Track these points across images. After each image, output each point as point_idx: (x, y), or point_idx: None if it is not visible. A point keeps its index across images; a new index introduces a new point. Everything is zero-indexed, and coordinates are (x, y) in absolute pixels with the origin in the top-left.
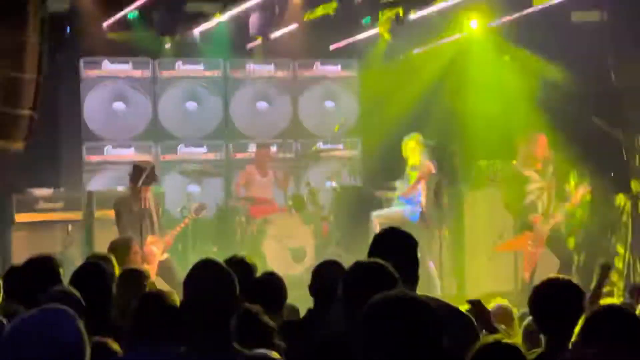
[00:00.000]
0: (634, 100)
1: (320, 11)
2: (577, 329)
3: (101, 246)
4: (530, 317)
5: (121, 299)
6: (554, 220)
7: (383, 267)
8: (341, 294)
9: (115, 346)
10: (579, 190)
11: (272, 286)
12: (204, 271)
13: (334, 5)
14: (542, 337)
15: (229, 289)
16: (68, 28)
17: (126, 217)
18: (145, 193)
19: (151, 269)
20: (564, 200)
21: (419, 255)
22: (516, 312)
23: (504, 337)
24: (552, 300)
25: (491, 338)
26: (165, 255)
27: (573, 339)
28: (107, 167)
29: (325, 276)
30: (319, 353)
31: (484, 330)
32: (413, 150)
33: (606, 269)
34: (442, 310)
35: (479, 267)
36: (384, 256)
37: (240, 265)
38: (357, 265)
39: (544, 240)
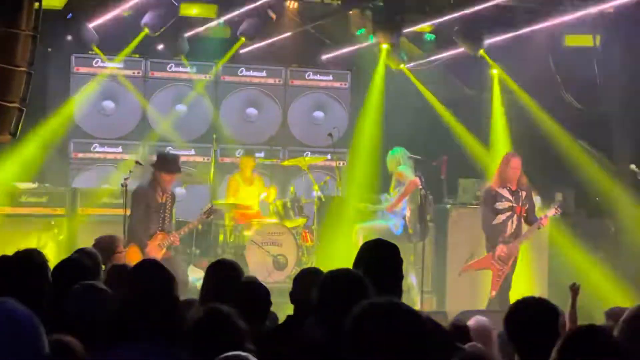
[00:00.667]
0: (620, 126)
1: None
2: (555, 349)
3: (83, 243)
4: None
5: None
6: (521, 241)
7: (357, 276)
8: (315, 302)
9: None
10: (548, 212)
11: (258, 294)
12: (143, 271)
13: None
14: (516, 357)
15: (166, 288)
16: (62, 23)
17: (143, 209)
18: (168, 185)
19: None
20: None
21: (404, 267)
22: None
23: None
24: (527, 320)
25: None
26: (170, 254)
27: (551, 358)
28: (94, 164)
29: (305, 284)
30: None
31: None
32: (398, 164)
33: (576, 289)
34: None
35: (460, 284)
36: (369, 267)
37: (229, 268)
38: (332, 274)
39: (511, 260)
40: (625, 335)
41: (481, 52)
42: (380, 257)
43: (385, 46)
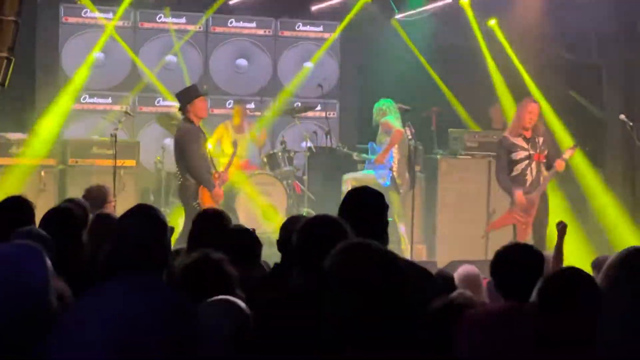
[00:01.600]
0: (612, 77)
1: None
2: (536, 290)
3: (73, 194)
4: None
5: (91, 245)
6: (541, 189)
7: (334, 220)
8: (295, 247)
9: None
10: (564, 154)
11: (248, 239)
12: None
13: None
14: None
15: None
16: None
17: (197, 149)
18: (204, 112)
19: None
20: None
21: (390, 218)
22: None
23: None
24: (513, 265)
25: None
26: None
27: (531, 299)
28: (84, 115)
29: (291, 231)
30: (276, 306)
31: None
32: (384, 115)
33: (564, 228)
34: (411, 270)
35: (449, 234)
36: (353, 214)
37: (217, 217)
38: (309, 220)
39: (534, 209)
40: (605, 283)
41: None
42: (364, 204)
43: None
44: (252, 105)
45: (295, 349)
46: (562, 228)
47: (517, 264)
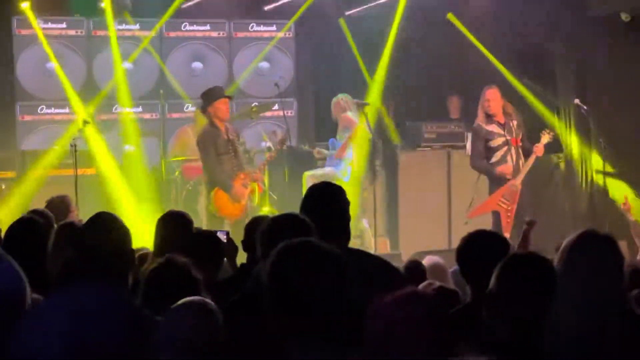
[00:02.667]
0: (564, 64)
1: None
2: (493, 275)
3: (35, 205)
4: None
5: (55, 255)
6: (522, 173)
7: (298, 219)
8: (258, 247)
9: None
10: (542, 139)
11: (211, 242)
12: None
13: None
14: (468, 289)
15: (122, 240)
16: None
17: (213, 152)
18: (226, 114)
19: (241, 208)
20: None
21: (355, 212)
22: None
23: None
24: (477, 251)
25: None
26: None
27: (489, 287)
28: (42, 126)
29: (255, 231)
30: (238, 306)
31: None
32: (342, 110)
33: (531, 224)
34: (373, 263)
35: (412, 226)
36: (315, 211)
37: (180, 220)
38: (273, 219)
39: (517, 195)
40: (562, 265)
41: None
42: (325, 200)
43: None
44: None
45: (255, 353)
46: (531, 223)
47: (482, 250)
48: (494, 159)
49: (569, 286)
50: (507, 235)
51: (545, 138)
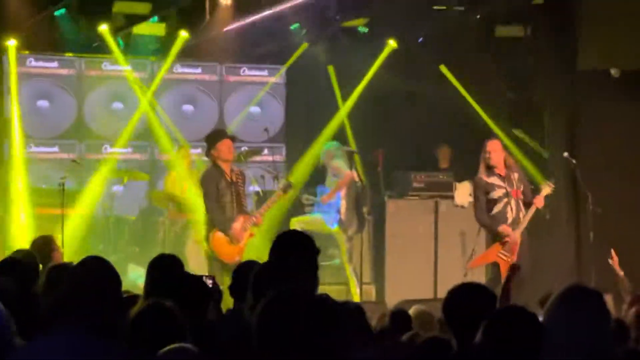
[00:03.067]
0: (552, 114)
1: None
2: (480, 329)
3: (21, 244)
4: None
5: (47, 296)
6: (522, 226)
7: (284, 267)
8: (250, 293)
9: None
10: (542, 191)
11: (198, 287)
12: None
13: None
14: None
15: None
16: None
17: (214, 192)
18: (229, 155)
19: (238, 250)
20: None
21: (337, 260)
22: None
23: None
24: (463, 304)
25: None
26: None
27: (476, 339)
28: (31, 165)
29: (242, 276)
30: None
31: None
32: (331, 158)
33: (515, 269)
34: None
35: (399, 275)
36: (283, 257)
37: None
38: (264, 264)
39: (516, 247)
40: (549, 319)
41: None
42: (293, 248)
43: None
44: (198, 151)
45: None
46: (512, 269)
47: (469, 303)
48: (495, 211)
49: (556, 341)
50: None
51: (546, 190)
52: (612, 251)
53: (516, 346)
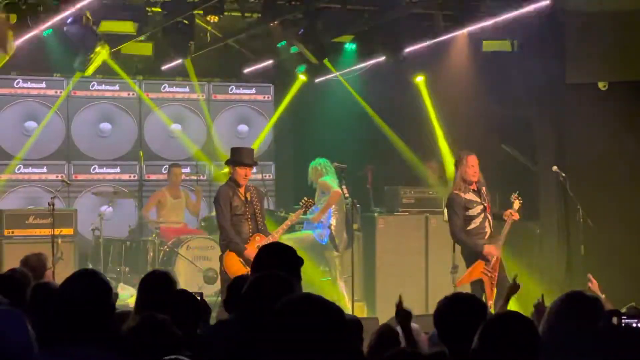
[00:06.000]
0: (541, 128)
1: None
2: (476, 335)
3: (10, 264)
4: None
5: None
6: (501, 241)
7: (281, 277)
8: (242, 305)
9: None
10: (514, 204)
11: (190, 302)
12: (78, 279)
13: None
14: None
15: (101, 296)
16: None
17: (227, 213)
18: (242, 180)
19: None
20: (500, 218)
21: (328, 277)
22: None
23: None
24: (454, 315)
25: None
26: None
27: (472, 345)
28: (19, 186)
29: (237, 291)
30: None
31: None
32: (320, 175)
33: (514, 288)
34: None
35: (390, 291)
36: (266, 269)
37: (162, 279)
38: (256, 277)
39: (498, 263)
40: (548, 325)
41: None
42: (276, 260)
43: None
44: (187, 170)
45: None
46: (515, 286)
47: (461, 313)
48: (472, 226)
49: (555, 347)
50: (490, 302)
51: (516, 203)
52: (590, 276)
53: (513, 352)
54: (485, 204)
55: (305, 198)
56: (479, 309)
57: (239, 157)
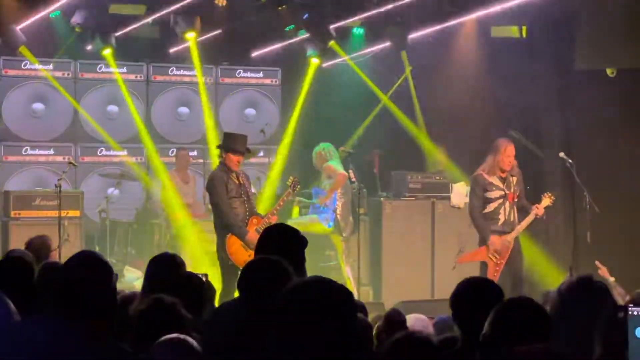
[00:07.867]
0: (549, 117)
1: None
2: (487, 321)
3: (17, 245)
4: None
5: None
6: (518, 231)
7: (278, 262)
8: (241, 288)
9: None
10: (542, 201)
11: (197, 284)
12: (78, 261)
13: None
14: (459, 334)
15: (103, 278)
16: None
17: (224, 196)
18: (234, 167)
19: (252, 255)
20: (526, 211)
21: (334, 261)
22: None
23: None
24: (470, 298)
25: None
26: None
27: (483, 331)
28: (25, 167)
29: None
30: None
31: None
32: (324, 160)
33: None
34: None
35: (396, 276)
36: (270, 251)
37: (171, 261)
38: (254, 261)
39: (508, 251)
40: (556, 310)
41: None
42: (279, 242)
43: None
44: (194, 153)
45: None
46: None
47: (478, 296)
48: (487, 209)
49: (564, 331)
50: None
51: (546, 201)
52: (597, 263)
53: (523, 336)
54: (508, 192)
55: (291, 177)
56: (495, 294)
57: (232, 144)
